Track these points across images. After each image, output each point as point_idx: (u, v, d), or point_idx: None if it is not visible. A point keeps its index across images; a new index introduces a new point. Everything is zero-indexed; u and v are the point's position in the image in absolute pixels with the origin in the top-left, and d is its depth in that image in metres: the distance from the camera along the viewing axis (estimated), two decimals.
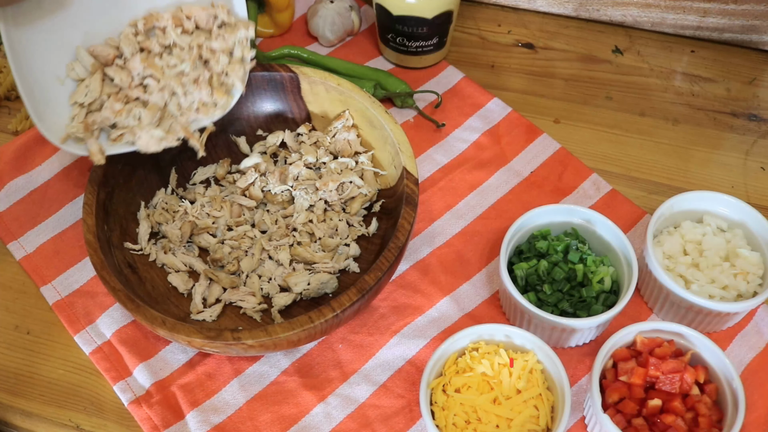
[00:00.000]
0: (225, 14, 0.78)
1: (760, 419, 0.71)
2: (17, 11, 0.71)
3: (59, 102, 0.75)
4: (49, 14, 0.74)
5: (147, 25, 0.77)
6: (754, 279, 0.74)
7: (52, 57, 0.75)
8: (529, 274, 0.75)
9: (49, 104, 0.73)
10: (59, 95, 0.75)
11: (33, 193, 0.89)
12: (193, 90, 0.76)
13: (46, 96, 0.73)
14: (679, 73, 1.00)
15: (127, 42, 0.77)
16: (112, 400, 0.74)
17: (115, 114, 0.74)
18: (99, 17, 0.77)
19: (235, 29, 0.78)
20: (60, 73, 0.75)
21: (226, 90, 0.77)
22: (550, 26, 1.05)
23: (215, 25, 0.78)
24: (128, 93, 0.75)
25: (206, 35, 0.78)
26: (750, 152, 0.91)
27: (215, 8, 0.78)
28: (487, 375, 0.68)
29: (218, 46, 0.77)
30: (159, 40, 0.77)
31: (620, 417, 0.66)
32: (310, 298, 0.77)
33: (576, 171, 0.89)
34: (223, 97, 0.77)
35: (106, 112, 0.74)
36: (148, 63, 0.75)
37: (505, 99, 0.96)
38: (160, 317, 0.67)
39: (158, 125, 0.75)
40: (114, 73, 0.76)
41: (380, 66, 1.00)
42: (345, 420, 0.73)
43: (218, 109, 0.77)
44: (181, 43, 0.77)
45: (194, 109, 0.76)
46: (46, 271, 0.82)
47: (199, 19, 0.78)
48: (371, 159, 0.84)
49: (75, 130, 0.73)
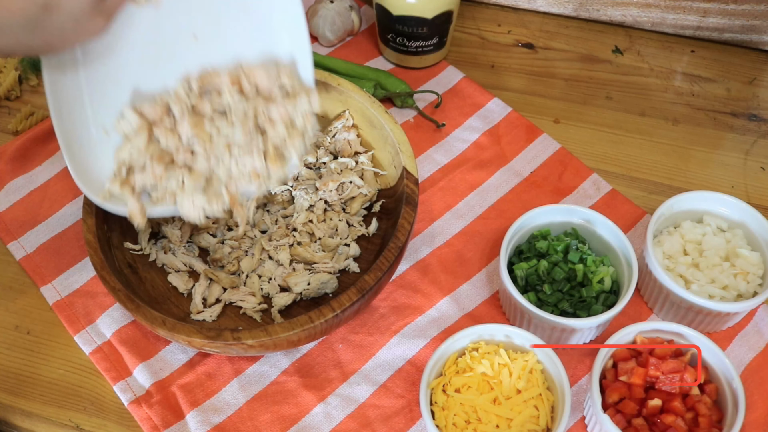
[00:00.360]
0: (289, 79, 0.71)
1: (760, 419, 0.71)
2: (61, 58, 0.67)
3: (99, 154, 0.70)
4: (95, 62, 0.69)
5: (202, 85, 0.71)
6: (754, 279, 0.74)
7: (97, 107, 0.70)
8: (529, 274, 0.75)
9: (89, 157, 0.69)
10: (100, 147, 0.70)
11: (33, 193, 0.89)
12: (246, 159, 0.69)
13: (86, 149, 0.69)
14: (679, 73, 1.00)
15: (178, 102, 0.70)
16: (112, 400, 0.74)
17: (158, 178, 0.68)
18: (149, 68, 0.71)
19: (298, 97, 0.70)
20: (104, 124, 0.70)
21: (282, 161, 0.69)
22: (550, 26, 1.05)
23: (277, 90, 0.71)
24: (174, 156, 0.69)
25: (265, 100, 0.70)
26: (750, 152, 0.91)
27: (279, 71, 0.71)
28: (487, 375, 0.68)
29: (278, 114, 0.70)
30: (213, 103, 0.70)
31: (620, 417, 0.66)
32: (310, 298, 0.77)
33: (576, 171, 0.89)
34: (278, 168, 0.69)
35: (149, 175, 0.68)
36: (198, 130, 0.69)
37: (505, 99, 0.96)
38: (160, 317, 0.67)
39: (204, 190, 0.68)
40: (161, 134, 0.69)
41: (380, 66, 1.00)
42: (345, 420, 0.73)
43: (272, 180, 0.69)
44: (237, 108, 0.69)
45: (245, 177, 0.69)
46: (46, 271, 0.82)
47: (260, 82, 0.71)
48: (371, 159, 0.84)
49: (116, 190, 0.68)
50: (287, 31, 0.73)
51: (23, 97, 0.99)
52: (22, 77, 1.00)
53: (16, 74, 0.98)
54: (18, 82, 0.99)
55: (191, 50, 0.73)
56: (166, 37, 0.72)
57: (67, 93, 0.68)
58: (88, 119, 0.70)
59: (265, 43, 0.73)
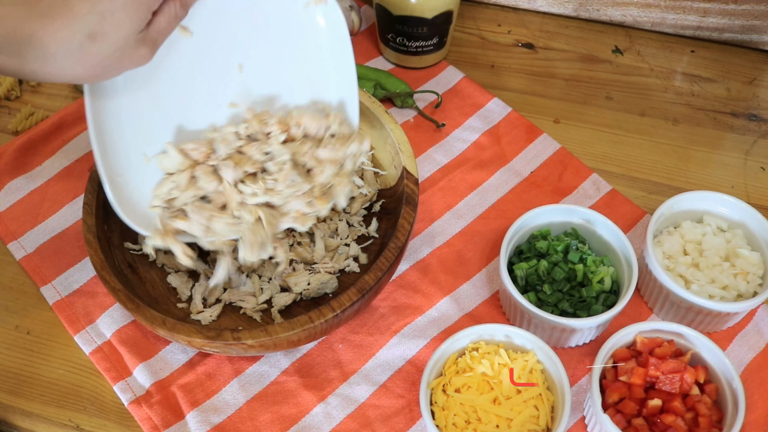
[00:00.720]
0: (338, 125, 0.71)
1: (760, 419, 0.71)
2: (103, 86, 0.66)
3: (139, 183, 0.69)
4: (137, 90, 0.68)
5: (250, 129, 0.71)
6: (754, 279, 0.74)
7: (137, 134, 0.69)
8: (529, 274, 0.75)
9: (128, 185, 0.68)
10: (140, 176, 0.70)
11: (33, 193, 0.89)
12: (292, 202, 0.69)
13: (126, 177, 0.68)
14: (679, 73, 1.00)
15: (225, 144, 0.70)
16: (112, 400, 0.74)
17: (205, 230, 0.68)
18: (193, 100, 0.71)
19: (348, 141, 0.71)
20: (145, 151, 0.70)
21: (327, 201, 0.70)
22: (550, 26, 1.05)
23: (327, 135, 0.71)
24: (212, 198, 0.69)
25: (314, 143, 0.71)
26: (750, 152, 0.91)
27: (329, 118, 0.71)
28: (487, 375, 0.68)
29: (326, 156, 0.70)
30: (261, 147, 0.69)
31: (620, 417, 0.66)
32: (310, 298, 0.77)
33: (576, 171, 0.89)
34: (323, 208, 0.70)
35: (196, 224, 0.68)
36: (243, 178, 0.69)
37: (505, 99, 0.96)
38: (160, 317, 0.67)
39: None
40: (203, 176, 0.69)
41: (380, 66, 1.00)
42: (345, 420, 0.73)
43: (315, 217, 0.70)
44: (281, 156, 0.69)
45: (291, 217, 0.69)
46: (46, 271, 0.82)
47: (309, 128, 0.71)
48: (371, 159, 0.84)
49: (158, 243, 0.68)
50: (337, 71, 0.73)
51: (23, 97, 0.99)
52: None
53: None
54: (18, 82, 0.99)
55: (237, 82, 0.72)
56: (211, 66, 0.71)
57: (108, 120, 0.67)
58: (128, 147, 0.69)
59: (314, 82, 0.74)
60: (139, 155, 0.70)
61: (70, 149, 0.92)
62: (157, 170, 0.71)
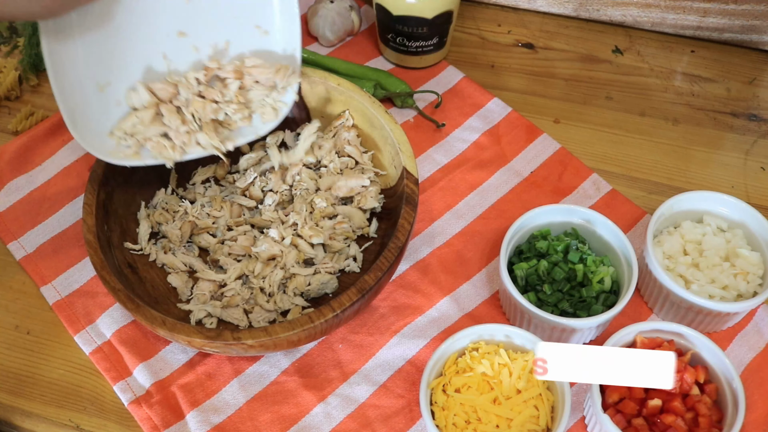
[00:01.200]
0: (282, 80, 0.78)
1: (760, 419, 0.71)
2: (58, 24, 0.70)
3: (96, 112, 0.75)
4: (91, 28, 0.73)
5: (208, 75, 0.77)
6: (754, 279, 0.74)
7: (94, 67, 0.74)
8: (529, 274, 0.75)
9: (86, 114, 0.74)
10: (96, 105, 0.75)
11: (33, 193, 0.89)
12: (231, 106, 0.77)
13: (82, 107, 0.74)
14: (679, 73, 1.00)
15: (187, 88, 0.77)
16: (112, 400, 0.74)
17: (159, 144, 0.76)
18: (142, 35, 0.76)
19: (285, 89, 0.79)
20: (99, 81, 0.75)
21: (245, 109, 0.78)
22: (550, 26, 1.05)
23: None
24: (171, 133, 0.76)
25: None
26: (750, 152, 0.91)
27: (277, 75, 0.78)
28: (487, 375, 0.68)
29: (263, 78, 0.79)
30: (219, 91, 0.77)
31: (620, 417, 0.66)
32: (310, 298, 0.77)
33: (576, 171, 0.89)
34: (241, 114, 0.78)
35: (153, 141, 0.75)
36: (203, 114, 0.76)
37: (505, 99, 0.96)
38: (160, 317, 0.67)
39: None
40: (167, 114, 0.75)
41: (380, 66, 1.00)
42: (345, 420, 0.73)
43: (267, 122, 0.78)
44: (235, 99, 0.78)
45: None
46: (46, 271, 0.82)
47: (260, 78, 0.78)
48: (371, 159, 0.83)
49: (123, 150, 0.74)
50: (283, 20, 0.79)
51: (23, 97, 0.99)
52: (22, 77, 1.00)
53: (16, 74, 0.98)
54: (18, 82, 0.99)
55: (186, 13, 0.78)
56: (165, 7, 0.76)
57: (64, 55, 0.72)
58: (84, 79, 0.74)
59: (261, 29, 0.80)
60: (94, 86, 0.75)
61: (70, 149, 0.92)
62: (112, 100, 0.76)
